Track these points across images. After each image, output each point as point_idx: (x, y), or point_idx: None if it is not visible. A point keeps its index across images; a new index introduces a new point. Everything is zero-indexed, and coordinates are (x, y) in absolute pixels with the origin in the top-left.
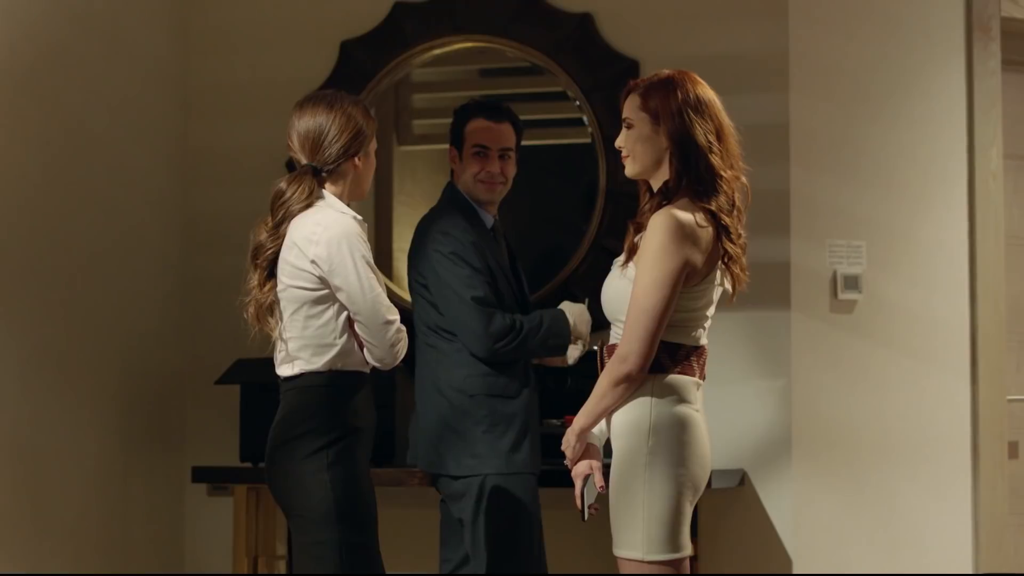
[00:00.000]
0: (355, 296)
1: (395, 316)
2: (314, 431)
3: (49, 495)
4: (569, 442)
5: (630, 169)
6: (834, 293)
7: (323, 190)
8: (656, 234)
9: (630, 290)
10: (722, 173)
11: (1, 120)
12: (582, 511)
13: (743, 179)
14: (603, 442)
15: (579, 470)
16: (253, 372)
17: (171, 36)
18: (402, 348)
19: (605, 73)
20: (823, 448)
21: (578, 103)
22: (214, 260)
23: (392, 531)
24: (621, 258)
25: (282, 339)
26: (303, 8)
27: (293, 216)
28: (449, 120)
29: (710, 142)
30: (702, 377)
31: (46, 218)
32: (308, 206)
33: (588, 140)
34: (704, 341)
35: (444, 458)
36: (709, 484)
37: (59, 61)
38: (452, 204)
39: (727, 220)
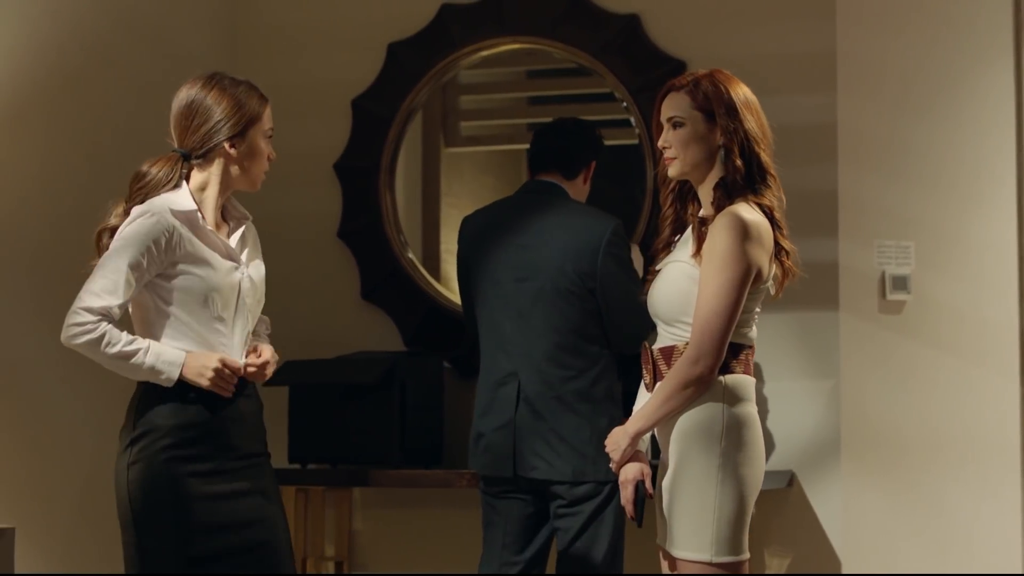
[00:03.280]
0: None
1: (85, 303)
2: (123, 431)
3: (83, 496)
4: (619, 444)
5: (676, 169)
6: (882, 294)
7: (186, 175)
8: (724, 236)
9: (694, 291)
10: (771, 170)
11: (50, 121)
12: (638, 517)
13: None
14: (646, 445)
15: (630, 475)
16: (301, 373)
17: (219, 38)
18: (69, 332)
19: (652, 74)
20: (872, 449)
21: (625, 104)
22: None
23: (440, 532)
24: (682, 255)
25: None
26: (350, 10)
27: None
28: (497, 121)
29: (760, 138)
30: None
31: (94, 219)
32: (169, 190)
33: (635, 141)
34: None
35: (598, 464)
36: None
37: (107, 63)
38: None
39: (779, 215)
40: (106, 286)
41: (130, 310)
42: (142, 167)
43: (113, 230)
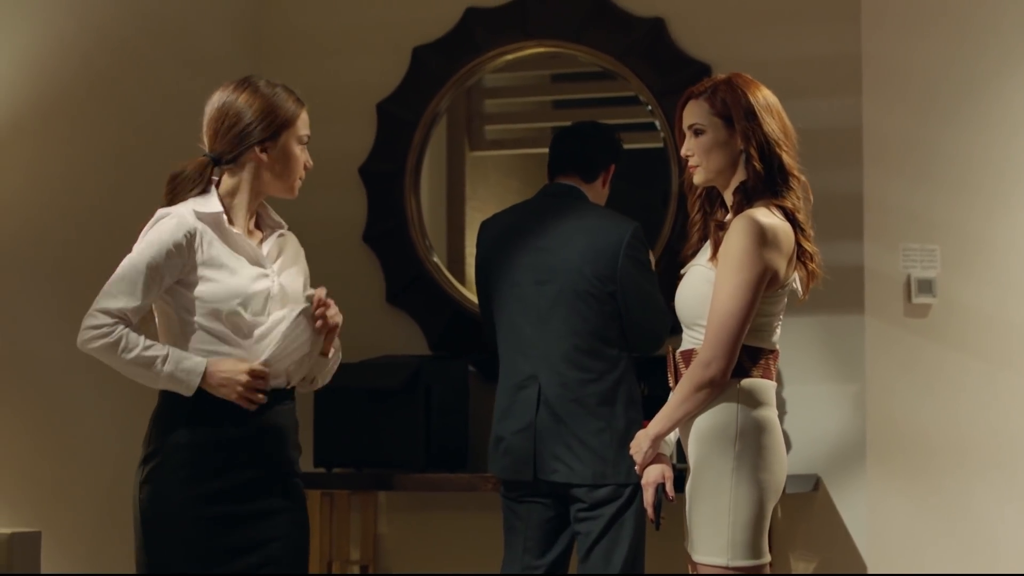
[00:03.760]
0: None
1: (101, 305)
2: (143, 441)
3: (108, 500)
4: (641, 447)
5: (700, 176)
6: (908, 297)
7: (217, 181)
8: (739, 239)
9: (711, 294)
10: (793, 172)
11: (75, 125)
12: (656, 520)
13: (803, 178)
14: (671, 449)
15: (651, 477)
16: None
17: (243, 42)
18: (84, 336)
19: (677, 77)
20: (898, 453)
21: (650, 107)
22: None
23: (465, 536)
24: (702, 259)
25: None
26: (375, 14)
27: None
28: (521, 125)
29: (781, 140)
30: (776, 379)
31: (119, 221)
32: (197, 195)
33: (660, 145)
34: (778, 344)
35: (619, 466)
36: (783, 488)
37: (131, 66)
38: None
39: (801, 217)
40: (123, 288)
41: (156, 321)
42: (175, 167)
43: None
